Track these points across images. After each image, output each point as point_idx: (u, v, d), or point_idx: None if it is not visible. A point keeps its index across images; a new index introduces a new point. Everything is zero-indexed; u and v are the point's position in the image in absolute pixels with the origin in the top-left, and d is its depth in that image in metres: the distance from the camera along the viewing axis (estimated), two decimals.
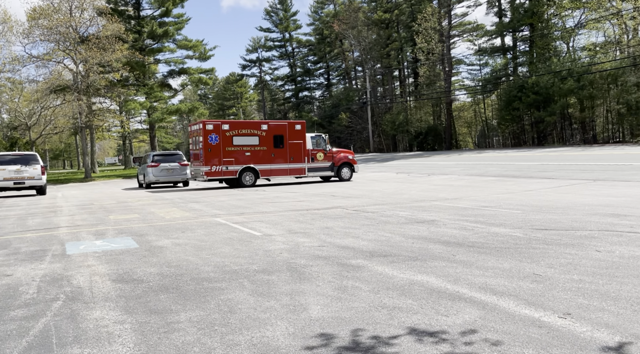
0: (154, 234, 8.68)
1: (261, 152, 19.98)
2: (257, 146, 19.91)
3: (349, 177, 21.87)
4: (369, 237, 7.51)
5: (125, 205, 14.93)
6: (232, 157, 19.51)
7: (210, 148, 19.21)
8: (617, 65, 32.18)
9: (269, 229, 8.69)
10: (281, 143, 20.27)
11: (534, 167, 21.44)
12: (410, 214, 10.08)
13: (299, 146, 20.62)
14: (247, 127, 20.16)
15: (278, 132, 20.33)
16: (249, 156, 19.78)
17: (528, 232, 7.29)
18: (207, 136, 19.26)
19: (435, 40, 52.22)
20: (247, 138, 19.79)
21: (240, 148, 19.64)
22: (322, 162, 21.25)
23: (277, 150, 20.22)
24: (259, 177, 20.35)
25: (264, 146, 20.02)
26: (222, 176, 19.67)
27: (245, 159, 19.77)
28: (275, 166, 20.25)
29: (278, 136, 20.29)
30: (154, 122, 48.30)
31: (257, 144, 19.88)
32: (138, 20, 48.90)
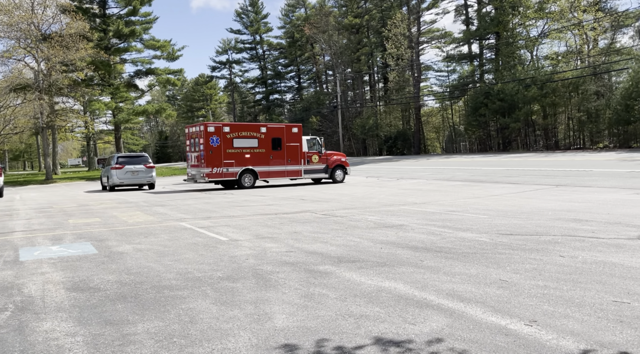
0: (115, 239, 8.36)
1: (260, 155, 20.22)
2: (257, 148, 20.17)
3: (342, 179, 22.24)
4: (338, 242, 7.42)
5: (87, 208, 14.41)
6: (232, 159, 19.69)
7: (212, 150, 19.32)
8: (578, 74, 33.30)
9: (235, 234, 8.50)
10: (279, 146, 20.59)
11: (499, 172, 21.87)
12: (379, 218, 10.05)
13: (296, 148, 20.97)
14: (247, 129, 20.43)
15: (276, 134, 20.63)
16: (249, 158, 20.01)
17: (494, 237, 7.34)
18: (208, 138, 19.32)
19: (405, 46, 52.90)
20: (247, 140, 20.01)
21: (240, 150, 19.84)
22: (317, 164, 21.66)
23: (275, 152, 20.54)
24: (258, 179, 20.52)
25: (263, 148, 20.29)
26: (222, 177, 19.73)
27: (245, 161, 19.95)
28: (273, 167, 20.55)
29: (276, 139, 20.58)
30: (120, 123, 47.13)
31: (256, 147, 20.15)
32: (104, 18, 47.71)
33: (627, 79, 28.91)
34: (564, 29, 35.95)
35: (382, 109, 63.58)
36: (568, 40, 38.24)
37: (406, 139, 54.32)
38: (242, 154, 19.84)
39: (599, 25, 34.14)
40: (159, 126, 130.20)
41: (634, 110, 27.46)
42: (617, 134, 31.61)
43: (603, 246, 6.37)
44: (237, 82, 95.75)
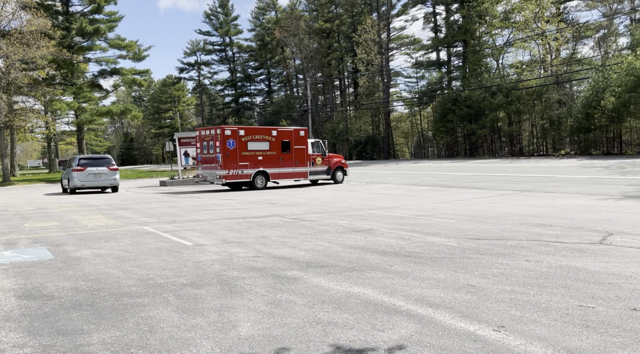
0: (73, 244, 7.99)
1: (271, 157, 20.94)
2: (268, 150, 20.86)
3: (341, 180, 23.13)
4: (307, 246, 7.30)
5: (45, 211, 13.82)
6: (247, 161, 20.30)
7: (228, 153, 19.88)
8: (541, 83, 34.31)
9: (201, 239, 8.26)
10: (288, 148, 21.34)
11: (466, 178, 22.23)
12: (349, 223, 9.99)
13: (303, 151, 21.78)
14: (260, 133, 21.15)
15: (285, 137, 21.38)
16: (261, 160, 20.71)
17: (462, 242, 7.37)
18: (225, 141, 19.85)
19: (375, 52, 53.39)
20: (260, 143, 20.72)
21: (253, 153, 20.49)
22: (320, 166, 22.53)
23: (284, 155, 21.26)
24: (269, 180, 21.13)
25: (274, 151, 20.98)
26: (238, 179, 20.29)
27: (258, 163, 20.61)
28: (282, 169, 21.28)
29: (285, 142, 21.33)
30: (83, 123, 45.74)
31: (267, 149, 20.84)
32: (67, 16, 46.30)
33: (588, 88, 29.97)
34: (528, 38, 37.02)
35: (352, 113, 63.93)
36: (532, 50, 39.42)
37: (376, 144, 54.72)
38: (255, 157, 20.51)
39: (562, 36, 35.32)
40: (124, 127, 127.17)
41: (594, 118, 28.45)
42: (577, 142, 32.71)
43: (567, 251, 6.47)
44: (206, 84, 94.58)
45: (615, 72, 27.69)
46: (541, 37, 36.23)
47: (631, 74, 26.07)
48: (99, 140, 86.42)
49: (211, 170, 20.37)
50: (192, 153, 28.60)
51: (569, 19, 39.64)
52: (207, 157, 20.73)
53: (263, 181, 20.84)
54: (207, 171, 20.71)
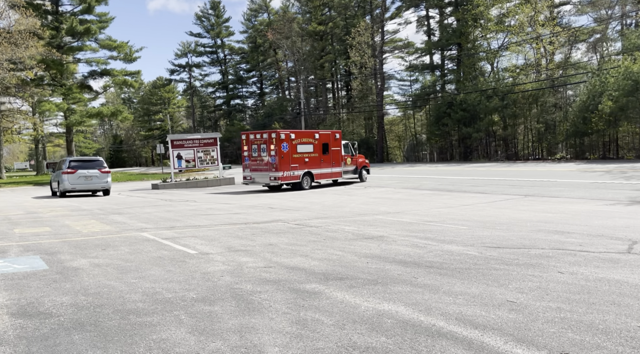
0: (68, 253, 7.49)
1: (314, 158, 22.16)
2: (312, 152, 22.04)
3: (366, 178, 24.98)
4: (319, 255, 6.88)
5: (35, 216, 13.24)
6: (296, 163, 21.43)
7: (283, 155, 20.95)
8: (537, 87, 34.24)
9: (205, 247, 7.80)
10: (327, 150, 22.62)
11: (465, 182, 21.95)
12: (357, 229, 9.58)
13: (338, 152, 23.20)
14: (306, 136, 22.26)
15: (325, 140, 22.68)
16: (307, 162, 21.89)
17: (482, 251, 7.00)
18: (280, 144, 20.93)
19: (369, 55, 53.17)
20: (306, 146, 21.88)
21: (301, 155, 21.64)
22: (349, 166, 24.10)
23: (324, 156, 22.56)
24: (314, 181, 22.31)
25: (317, 153, 22.20)
26: (290, 180, 21.33)
27: (305, 165, 21.76)
28: (323, 170, 22.55)
29: (325, 144, 22.59)
30: (72, 125, 44.87)
31: (312, 151, 22.03)
32: (56, 15, 45.45)
33: (585, 92, 29.94)
34: (523, 42, 36.99)
35: (344, 116, 63.64)
36: (526, 54, 39.42)
37: (369, 147, 54.40)
38: (302, 159, 21.67)
39: (557, 40, 35.32)
40: (114, 129, 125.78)
41: (591, 122, 28.40)
42: (574, 146, 32.65)
43: (598, 261, 6.12)
44: (197, 86, 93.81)
45: (612, 76, 27.67)
46: (536, 41, 36.22)
47: (628, 78, 26.05)
48: (88, 142, 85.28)
49: (264, 172, 21.37)
50: (185, 156, 28.08)
51: (562, 23, 39.73)
52: (258, 159, 21.70)
53: (308, 182, 22.05)
54: (258, 172, 21.64)
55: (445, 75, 48.92)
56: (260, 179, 21.58)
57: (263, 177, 21.46)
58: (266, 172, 21.18)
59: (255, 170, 21.75)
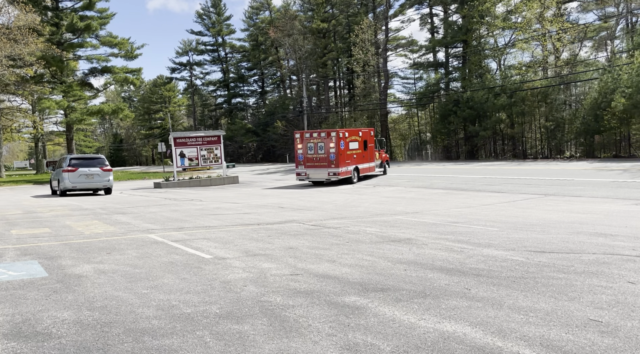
0: (70, 257, 6.81)
1: (359, 155, 23.58)
2: (357, 149, 23.39)
3: (386, 171, 26.96)
4: (348, 261, 6.21)
5: (34, 216, 12.56)
6: (348, 159, 22.76)
7: (341, 152, 22.29)
8: (547, 84, 33.53)
9: (220, 250, 7.12)
10: (366, 147, 24.10)
11: (478, 181, 21.27)
12: (379, 230, 8.91)
13: (372, 148, 24.87)
14: (354, 134, 23.54)
15: (365, 137, 24.05)
16: (355, 158, 23.25)
17: (528, 256, 6.33)
18: (339, 142, 22.23)
19: (372, 52, 52.48)
20: (354, 143, 23.25)
21: (352, 152, 23.04)
22: (377, 160, 25.98)
23: (365, 152, 23.99)
24: (359, 175, 23.63)
25: (360, 149, 23.61)
26: (345, 175, 22.64)
27: (353, 161, 23.14)
28: (364, 165, 24.00)
29: (365, 141, 24.00)
30: (72, 123, 44.18)
31: (357, 148, 23.38)
32: (56, 11, 44.74)
33: (596, 89, 29.25)
34: (531, 39, 36.29)
35: (347, 115, 62.95)
36: (533, 51, 38.72)
37: None
38: (352, 155, 23.03)
39: (566, 36, 34.61)
40: (114, 128, 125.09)
41: (603, 120, 27.71)
42: (583, 144, 31.97)
43: None
44: (198, 85, 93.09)
45: (626, 72, 26.98)
46: (545, 38, 35.52)
47: None
48: (88, 140, 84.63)
49: (321, 168, 22.63)
50: (188, 154, 27.43)
51: (569, 19, 39.04)
52: (315, 157, 22.84)
53: (356, 176, 23.46)
54: (314, 169, 22.78)
55: (450, 73, 48.20)
56: (317, 175, 22.67)
57: (320, 174, 22.61)
58: (324, 168, 22.41)
59: (312, 167, 22.74)
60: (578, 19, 41.87)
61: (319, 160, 22.62)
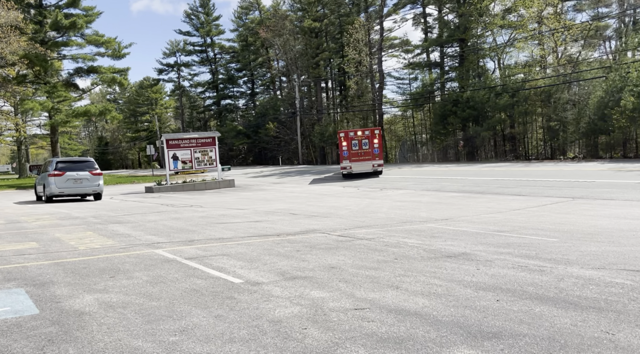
0: (65, 283, 5.52)
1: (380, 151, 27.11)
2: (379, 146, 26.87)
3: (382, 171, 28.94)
4: (414, 286, 5.02)
5: (18, 227, 11.16)
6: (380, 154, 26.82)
7: (379, 148, 26.53)
8: (550, 83, 32.78)
9: (248, 271, 5.89)
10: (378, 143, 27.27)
11: (491, 183, 20.26)
12: (421, 242, 7.75)
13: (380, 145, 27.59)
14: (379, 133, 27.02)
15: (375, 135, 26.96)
16: (377, 154, 26.52)
17: (632, 278, 5.20)
18: (380, 139, 26.63)
19: (366, 52, 51.51)
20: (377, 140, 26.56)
21: (377, 147, 26.53)
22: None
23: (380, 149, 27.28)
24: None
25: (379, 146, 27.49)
26: (382, 167, 26.79)
27: (374, 156, 26.48)
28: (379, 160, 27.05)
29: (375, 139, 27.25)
30: (57, 124, 42.41)
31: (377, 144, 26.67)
32: (40, 9, 42.96)
33: (603, 87, 28.52)
34: (532, 36, 35.57)
35: (340, 116, 61.86)
36: (533, 50, 38.04)
37: None
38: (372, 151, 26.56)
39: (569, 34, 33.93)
40: (99, 131, 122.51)
41: (612, 119, 26.96)
42: (588, 144, 31.25)
43: None
44: (186, 86, 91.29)
45: (636, 69, 26.25)
46: (545, 36, 34.82)
47: None
48: (73, 143, 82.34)
49: (365, 162, 26.07)
50: (181, 156, 26.06)
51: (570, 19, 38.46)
52: (359, 152, 26.18)
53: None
54: (358, 162, 26.03)
55: (447, 72, 47.38)
56: (360, 167, 26.03)
57: (364, 166, 26.09)
58: (368, 161, 26.10)
59: (356, 161, 26.04)
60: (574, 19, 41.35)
61: (363, 154, 26.10)
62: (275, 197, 18.63)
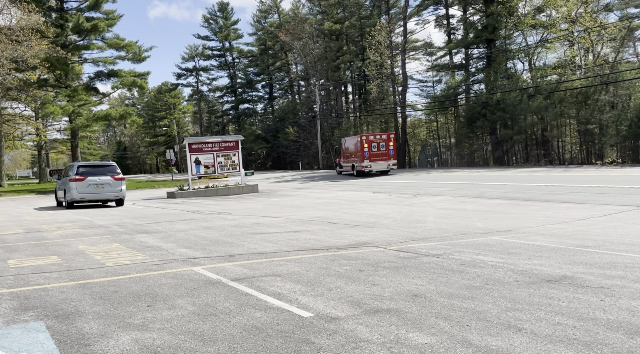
0: (93, 314, 4.51)
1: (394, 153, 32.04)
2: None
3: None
4: (543, 329, 3.89)
5: (38, 237, 10.28)
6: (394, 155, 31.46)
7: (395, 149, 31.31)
8: (587, 84, 31.26)
9: (313, 299, 4.81)
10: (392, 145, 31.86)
11: (535, 189, 18.94)
12: (501, 260, 6.61)
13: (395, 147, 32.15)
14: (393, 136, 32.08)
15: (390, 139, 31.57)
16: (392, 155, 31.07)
17: None
18: (395, 142, 31.35)
19: (388, 54, 50.41)
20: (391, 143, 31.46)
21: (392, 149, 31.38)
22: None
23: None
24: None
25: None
26: (395, 167, 31.43)
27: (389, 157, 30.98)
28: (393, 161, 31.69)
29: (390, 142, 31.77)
30: (78, 128, 42.08)
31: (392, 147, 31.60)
32: (61, 12, 42.82)
33: None
34: (565, 36, 34.08)
35: (360, 120, 60.71)
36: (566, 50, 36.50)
37: None
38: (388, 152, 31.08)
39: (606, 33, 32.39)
40: (117, 135, 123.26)
41: None
42: (631, 148, 29.60)
43: None
44: (204, 91, 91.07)
45: None
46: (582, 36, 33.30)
47: None
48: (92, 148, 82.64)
49: (383, 161, 30.51)
50: (204, 161, 25.21)
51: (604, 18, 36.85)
52: (378, 153, 30.53)
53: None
54: (377, 162, 30.46)
55: (474, 74, 45.95)
56: (379, 166, 30.56)
57: (381, 165, 30.56)
58: (385, 161, 30.54)
59: (375, 160, 30.46)
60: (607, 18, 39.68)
61: (381, 155, 30.60)
62: (305, 203, 17.57)
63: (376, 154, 30.32)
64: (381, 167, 30.29)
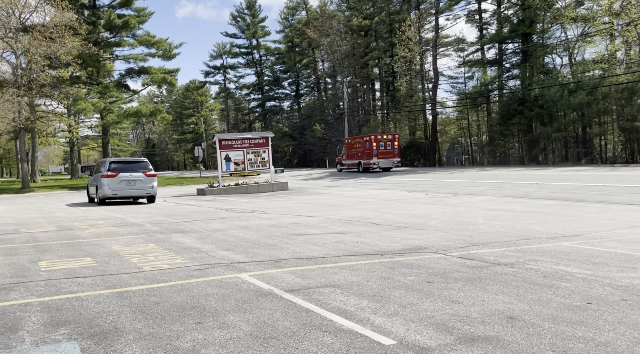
0: (135, 333, 3.88)
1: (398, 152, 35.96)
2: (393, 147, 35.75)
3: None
4: None
5: (71, 235, 9.84)
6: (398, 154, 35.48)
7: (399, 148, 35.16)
8: (634, 79, 29.58)
9: (389, 320, 4.07)
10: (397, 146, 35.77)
11: (584, 189, 17.77)
12: (590, 273, 5.75)
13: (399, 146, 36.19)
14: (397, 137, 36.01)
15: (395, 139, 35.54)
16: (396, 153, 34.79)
17: None
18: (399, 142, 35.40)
19: (418, 50, 49.19)
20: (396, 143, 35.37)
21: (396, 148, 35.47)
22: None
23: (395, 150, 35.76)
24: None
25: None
26: (399, 164, 34.81)
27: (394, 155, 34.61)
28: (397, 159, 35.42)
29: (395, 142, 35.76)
30: (109, 125, 42.30)
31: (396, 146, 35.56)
32: (93, 9, 43.09)
33: None
34: (609, 29, 32.40)
35: (388, 117, 59.58)
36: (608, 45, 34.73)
37: (417, 150, 50.26)
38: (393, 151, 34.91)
39: None
40: (146, 133, 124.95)
41: None
42: None
43: None
44: (231, 89, 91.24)
45: None
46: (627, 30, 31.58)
47: None
48: (122, 144, 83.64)
49: (389, 159, 34.13)
50: (234, 158, 24.73)
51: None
52: (384, 152, 34.10)
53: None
54: (384, 159, 34.03)
55: (508, 70, 44.34)
56: (385, 164, 34.10)
57: (387, 163, 34.10)
58: (390, 159, 34.12)
59: (382, 158, 33.98)
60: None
61: (387, 153, 34.24)
62: (340, 202, 16.84)
63: (383, 153, 33.81)
64: (387, 165, 33.76)
